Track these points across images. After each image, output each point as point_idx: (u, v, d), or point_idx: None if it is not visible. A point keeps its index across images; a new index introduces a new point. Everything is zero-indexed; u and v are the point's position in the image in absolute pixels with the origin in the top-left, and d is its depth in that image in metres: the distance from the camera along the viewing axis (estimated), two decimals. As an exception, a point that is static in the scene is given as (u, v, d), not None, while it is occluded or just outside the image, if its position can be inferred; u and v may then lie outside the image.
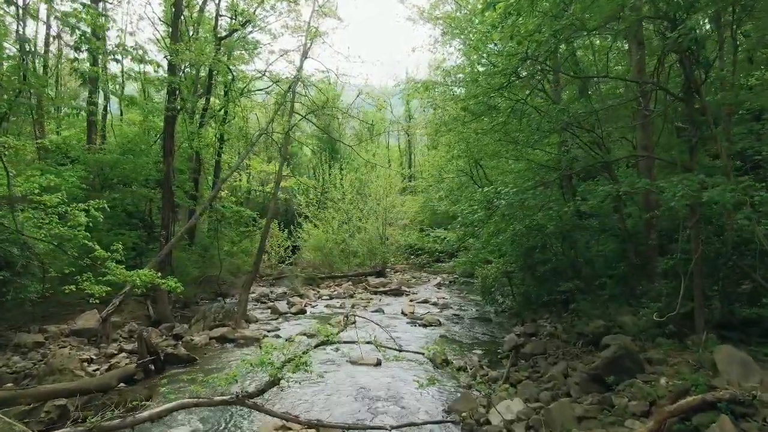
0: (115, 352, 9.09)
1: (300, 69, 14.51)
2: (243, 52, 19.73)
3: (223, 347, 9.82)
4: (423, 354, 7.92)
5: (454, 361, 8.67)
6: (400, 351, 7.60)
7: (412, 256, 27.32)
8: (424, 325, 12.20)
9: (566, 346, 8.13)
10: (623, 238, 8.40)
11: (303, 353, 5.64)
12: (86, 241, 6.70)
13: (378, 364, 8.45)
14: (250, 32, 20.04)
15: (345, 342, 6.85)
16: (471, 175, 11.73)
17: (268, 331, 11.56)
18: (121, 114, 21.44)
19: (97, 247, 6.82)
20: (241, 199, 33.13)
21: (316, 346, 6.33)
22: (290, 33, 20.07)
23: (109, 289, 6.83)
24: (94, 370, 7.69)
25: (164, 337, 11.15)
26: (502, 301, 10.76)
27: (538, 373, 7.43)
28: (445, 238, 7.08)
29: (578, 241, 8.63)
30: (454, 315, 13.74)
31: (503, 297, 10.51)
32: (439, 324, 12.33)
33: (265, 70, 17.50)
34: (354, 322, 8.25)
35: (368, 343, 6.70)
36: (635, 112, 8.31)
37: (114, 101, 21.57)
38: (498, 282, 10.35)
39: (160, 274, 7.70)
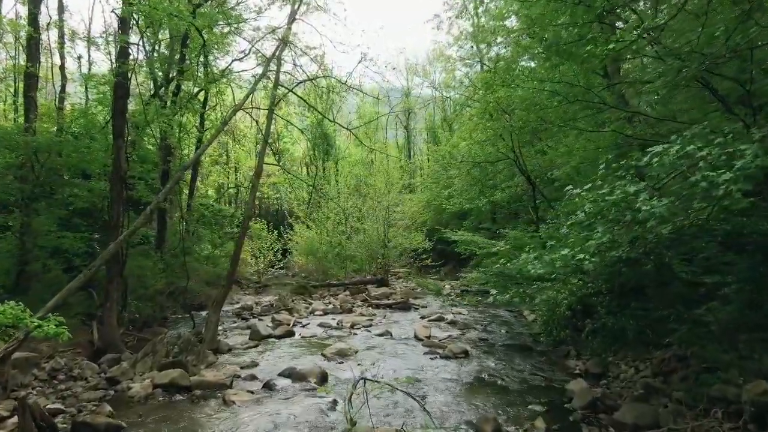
0: (6, 413, 6.12)
1: (288, 31, 11.60)
2: (224, 24, 16.89)
3: (170, 401, 6.85)
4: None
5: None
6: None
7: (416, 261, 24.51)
8: (448, 357, 9.31)
9: (690, 412, 5.27)
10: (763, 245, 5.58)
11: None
12: None
13: (399, 438, 5.56)
14: (234, 5, 17.29)
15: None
16: (515, 160, 8.86)
17: (241, 368, 8.62)
18: (87, 99, 18.46)
19: None
20: (224, 197, 30.30)
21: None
22: (279, 7, 17.29)
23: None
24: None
25: (100, 376, 8.21)
26: (562, 335, 7.84)
27: (663, 468, 4.58)
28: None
29: (701, 249, 5.82)
30: (482, 340, 10.89)
31: (559, 328, 7.60)
32: (467, 355, 9.46)
33: (251, 48, 14.59)
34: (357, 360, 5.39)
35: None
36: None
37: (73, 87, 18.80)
38: (573, 310, 7.38)
39: (29, 311, 4.76)
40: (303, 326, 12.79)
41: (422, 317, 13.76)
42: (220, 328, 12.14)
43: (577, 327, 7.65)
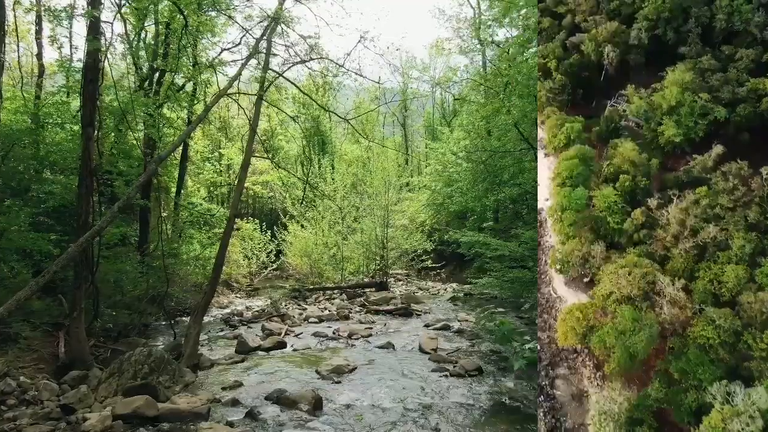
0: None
1: (279, 8, 10.45)
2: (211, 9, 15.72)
3: (132, 436, 5.72)
4: None
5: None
6: None
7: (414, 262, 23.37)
8: (459, 375, 8.20)
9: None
10: None
11: None
12: None
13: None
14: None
15: None
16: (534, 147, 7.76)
17: (223, 389, 7.49)
18: (68, 92, 17.24)
19: None
20: (217, 196, 29.11)
21: None
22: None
23: None
24: None
25: (58, 399, 7.05)
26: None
27: None
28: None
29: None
30: (494, 352, 9.82)
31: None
32: (480, 372, 8.37)
33: (242, 37, 13.41)
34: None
35: None
36: None
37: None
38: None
39: None
40: (296, 335, 11.67)
41: (426, 325, 12.67)
42: (204, 337, 11.04)
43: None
